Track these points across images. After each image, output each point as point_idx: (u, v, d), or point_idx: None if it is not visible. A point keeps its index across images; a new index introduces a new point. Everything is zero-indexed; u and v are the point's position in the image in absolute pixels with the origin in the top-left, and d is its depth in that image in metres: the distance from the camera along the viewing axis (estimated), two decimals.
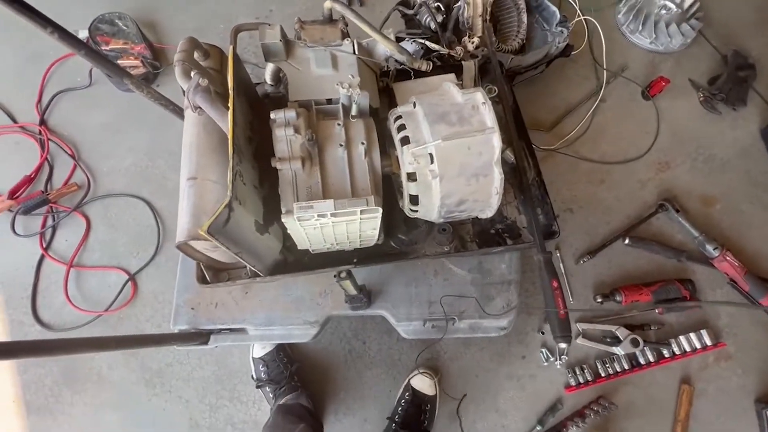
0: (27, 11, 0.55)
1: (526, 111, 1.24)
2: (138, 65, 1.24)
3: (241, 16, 1.36)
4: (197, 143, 0.65)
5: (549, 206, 0.82)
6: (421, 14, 1.08)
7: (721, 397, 1.00)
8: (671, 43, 1.28)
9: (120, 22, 1.26)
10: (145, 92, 0.77)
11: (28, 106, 1.23)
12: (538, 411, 1.00)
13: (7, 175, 1.16)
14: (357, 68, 0.68)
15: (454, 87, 0.67)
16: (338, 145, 0.62)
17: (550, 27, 1.18)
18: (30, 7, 0.56)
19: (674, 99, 1.26)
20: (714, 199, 1.16)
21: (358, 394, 1.02)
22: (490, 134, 0.63)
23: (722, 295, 1.07)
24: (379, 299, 0.86)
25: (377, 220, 0.64)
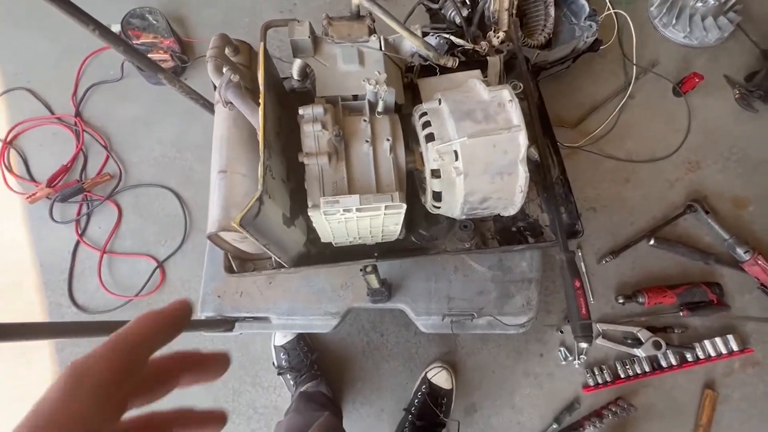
0: (73, 10, 0.58)
1: (551, 107, 1.22)
2: (167, 59, 1.28)
3: (265, 10, 1.38)
4: (228, 137, 0.67)
5: (573, 205, 0.81)
6: (446, 8, 1.07)
7: (746, 404, 0.98)
8: (707, 37, 1.23)
9: (150, 17, 1.29)
10: (177, 86, 0.79)
11: (64, 98, 1.29)
12: (554, 409, 1.00)
13: (45, 164, 1.22)
14: (383, 64, 0.69)
15: (480, 84, 0.67)
16: (364, 141, 0.63)
17: (578, 21, 1.15)
18: (75, 6, 0.58)
19: (707, 96, 1.21)
20: (746, 201, 1.12)
21: (375, 385, 1.04)
22: (516, 132, 0.62)
23: (751, 299, 1.04)
24: (399, 293, 0.88)
25: (401, 215, 0.64)
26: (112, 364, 0.17)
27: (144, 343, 0.19)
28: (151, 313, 0.20)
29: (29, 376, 1.11)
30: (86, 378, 0.16)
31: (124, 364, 0.18)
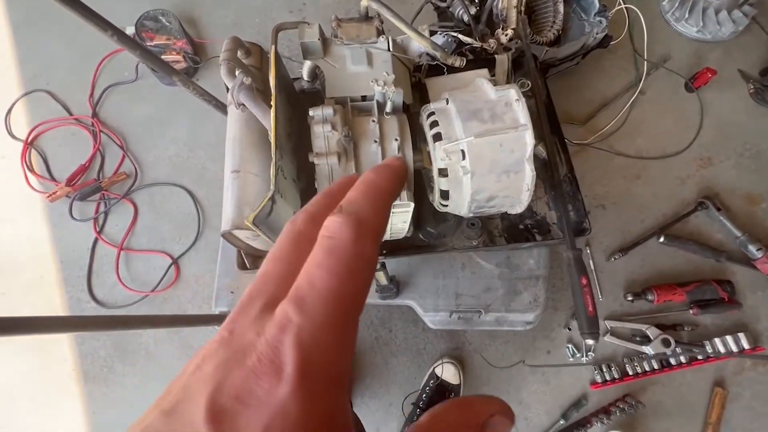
0: (91, 16, 0.60)
1: (560, 104, 1.22)
2: (180, 60, 1.30)
3: (276, 10, 1.40)
4: (240, 138, 0.69)
5: (581, 203, 0.81)
6: (454, 6, 1.07)
7: (757, 402, 0.97)
8: (720, 31, 1.21)
9: (163, 19, 1.32)
10: (191, 88, 0.82)
11: (81, 100, 1.32)
12: (562, 405, 1.01)
13: (65, 164, 1.26)
14: (391, 65, 0.70)
15: (487, 83, 0.68)
16: (373, 141, 0.64)
17: (587, 17, 1.14)
18: (94, 12, 0.61)
19: (721, 91, 1.19)
20: (760, 198, 1.11)
21: (383, 379, 1.06)
22: (522, 131, 0.63)
23: (764, 297, 1.03)
24: (407, 290, 0.89)
25: (409, 213, 0.66)
26: (383, 216, 0.16)
27: (395, 198, 0.17)
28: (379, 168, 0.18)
29: (51, 368, 1.16)
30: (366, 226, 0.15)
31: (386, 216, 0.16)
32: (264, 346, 0.13)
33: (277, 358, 0.12)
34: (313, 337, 0.13)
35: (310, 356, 0.12)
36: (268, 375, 0.12)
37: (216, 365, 0.13)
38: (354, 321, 0.14)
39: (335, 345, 0.13)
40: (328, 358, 0.13)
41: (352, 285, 0.14)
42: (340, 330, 0.13)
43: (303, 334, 0.13)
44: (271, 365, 0.12)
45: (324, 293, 0.13)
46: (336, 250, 0.14)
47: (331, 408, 0.13)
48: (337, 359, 0.13)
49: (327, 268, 0.14)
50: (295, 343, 0.12)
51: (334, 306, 0.13)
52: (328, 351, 0.13)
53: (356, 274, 0.14)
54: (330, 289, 0.13)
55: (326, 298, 0.13)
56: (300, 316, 0.13)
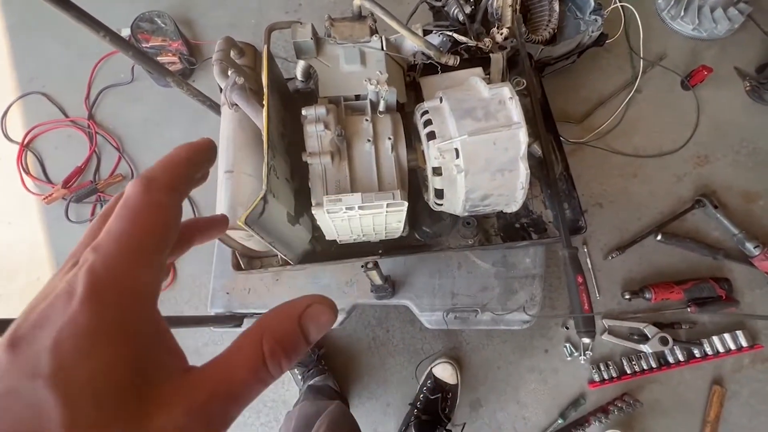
0: (84, 17, 0.60)
1: (556, 103, 1.23)
2: (175, 61, 1.30)
3: (271, 11, 1.40)
4: (234, 138, 0.69)
5: (576, 201, 0.81)
6: (449, 6, 1.07)
7: (756, 400, 0.97)
8: (716, 29, 1.21)
9: (159, 20, 1.32)
10: (185, 89, 0.81)
11: (77, 102, 1.32)
12: (560, 404, 1.01)
13: (61, 166, 1.26)
14: (385, 64, 0.70)
15: (480, 82, 0.67)
16: (366, 140, 0.64)
17: (583, 15, 1.14)
18: (86, 13, 0.61)
19: (717, 89, 1.19)
20: (757, 195, 1.11)
21: (381, 379, 1.05)
22: (516, 129, 0.63)
23: (761, 295, 1.03)
24: (403, 289, 0.89)
25: (403, 213, 0.66)
26: (174, 175, 0.19)
27: (191, 164, 0.20)
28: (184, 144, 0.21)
29: None
30: (154, 183, 0.18)
31: (184, 181, 0.19)
32: (63, 283, 0.15)
33: (71, 287, 0.14)
34: (104, 265, 0.15)
35: (98, 278, 0.14)
36: (62, 300, 0.14)
37: (26, 311, 0.15)
38: (151, 251, 0.16)
39: (128, 268, 0.15)
40: (119, 277, 0.15)
41: (142, 224, 0.16)
42: (134, 257, 0.15)
43: (95, 265, 0.14)
44: (65, 294, 0.14)
45: (115, 234, 0.16)
46: (126, 201, 0.17)
47: (124, 316, 0.14)
48: (131, 278, 0.15)
49: (118, 216, 0.16)
50: (87, 271, 0.14)
51: (126, 240, 0.15)
52: (121, 272, 0.15)
53: (146, 216, 0.16)
54: (120, 230, 0.16)
55: (117, 236, 0.15)
56: (94, 254, 0.15)
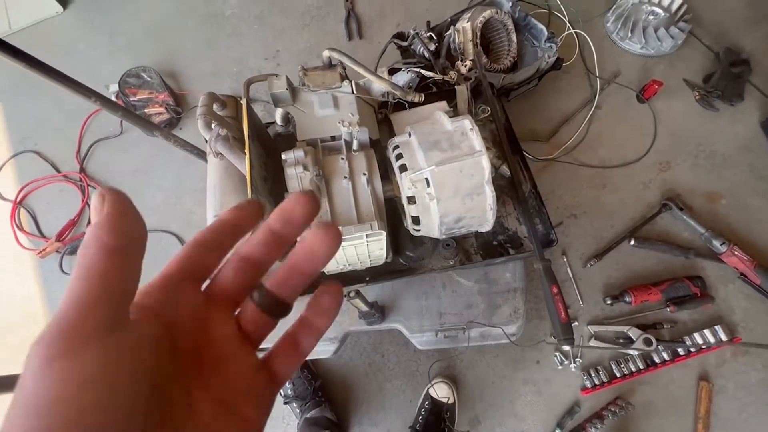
0: (76, 87, 0.66)
1: (524, 123, 1.31)
2: (162, 112, 1.37)
3: (251, 58, 1.48)
4: (220, 184, 0.74)
5: (546, 216, 0.87)
6: (415, 44, 1.16)
7: (742, 393, 1.00)
8: (662, 46, 1.32)
9: (145, 75, 1.40)
10: (172, 141, 0.87)
11: (69, 157, 1.37)
12: (556, 414, 1.02)
13: (54, 220, 1.29)
14: (356, 106, 0.76)
15: (444, 116, 0.74)
16: (343, 177, 0.70)
17: (539, 43, 1.24)
18: (79, 83, 0.67)
19: (670, 100, 1.29)
20: (719, 195, 1.18)
21: (380, 405, 1.07)
22: (479, 157, 0.69)
23: (734, 289, 1.08)
24: (393, 313, 0.92)
25: (382, 241, 0.70)
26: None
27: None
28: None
29: None
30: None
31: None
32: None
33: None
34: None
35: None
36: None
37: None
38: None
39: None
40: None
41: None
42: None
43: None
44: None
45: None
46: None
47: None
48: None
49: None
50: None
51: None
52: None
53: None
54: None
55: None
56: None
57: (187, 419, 0.17)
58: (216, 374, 0.19)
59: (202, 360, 0.19)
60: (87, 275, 0.15)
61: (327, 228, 0.20)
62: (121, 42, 1.53)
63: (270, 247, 0.21)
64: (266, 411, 0.20)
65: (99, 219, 0.16)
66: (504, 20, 1.20)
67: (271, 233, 0.21)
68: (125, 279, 0.16)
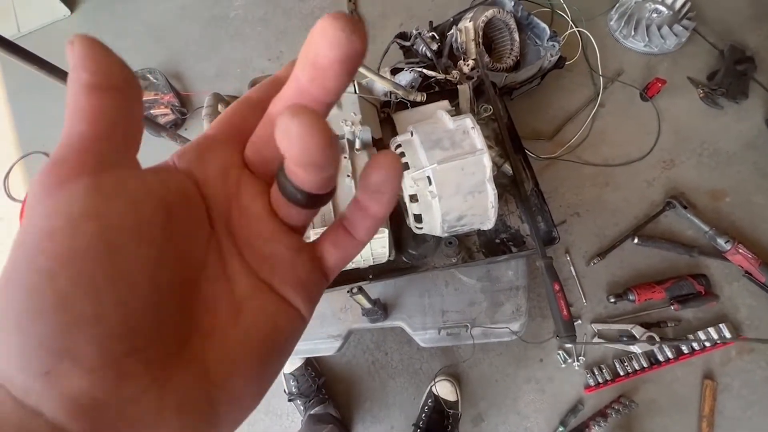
0: None
1: (527, 122, 1.31)
2: (168, 113, 1.39)
3: (254, 59, 1.50)
4: None
5: (548, 214, 0.87)
6: (417, 44, 1.16)
7: (747, 391, 1.00)
8: (665, 44, 1.32)
9: (151, 76, 1.41)
10: (179, 141, 0.88)
11: None
12: (559, 412, 1.03)
13: None
14: (359, 106, 0.77)
15: (445, 115, 0.75)
16: (346, 175, 0.71)
17: (541, 42, 1.24)
18: None
19: (673, 98, 1.28)
20: (723, 193, 1.17)
21: (383, 402, 1.07)
22: (480, 155, 0.69)
23: (739, 287, 1.07)
24: (396, 311, 0.93)
25: (385, 239, 0.71)
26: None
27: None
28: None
29: None
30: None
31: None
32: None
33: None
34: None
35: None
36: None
37: None
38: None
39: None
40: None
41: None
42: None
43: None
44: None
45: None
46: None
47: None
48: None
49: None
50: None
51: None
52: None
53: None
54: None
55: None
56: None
57: (221, 286, 0.16)
58: (252, 249, 0.17)
59: (237, 231, 0.17)
60: (74, 115, 0.14)
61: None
62: (127, 44, 1.55)
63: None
64: (312, 297, 0.18)
65: (73, 62, 0.14)
66: (506, 19, 1.20)
67: (299, 91, 0.16)
68: (118, 117, 0.14)
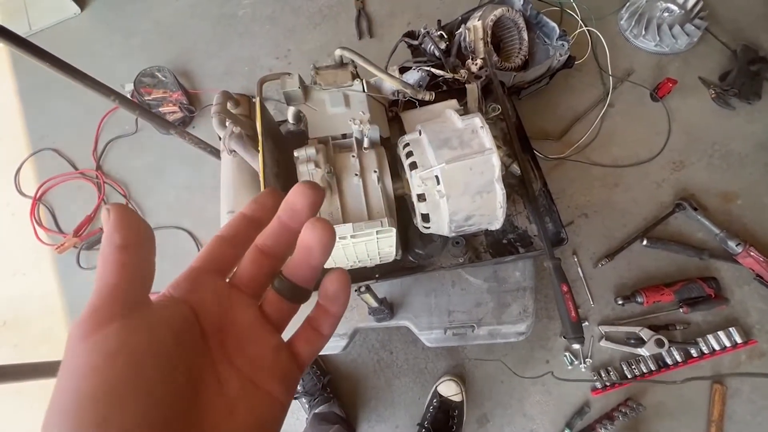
0: (97, 85, 0.68)
1: (535, 122, 1.30)
2: (176, 110, 1.39)
3: (262, 57, 1.50)
4: (233, 181, 0.75)
5: (556, 214, 0.86)
6: (426, 43, 1.16)
7: (757, 396, 0.98)
8: (677, 44, 1.30)
9: (159, 74, 1.42)
10: (187, 139, 0.89)
11: (86, 154, 1.41)
12: (565, 414, 1.02)
13: (72, 216, 1.33)
14: (367, 104, 0.77)
15: (454, 114, 0.74)
16: (354, 174, 0.70)
17: (551, 41, 1.23)
18: (98, 81, 0.68)
19: (685, 98, 1.27)
20: (734, 195, 1.16)
21: (388, 402, 1.07)
22: (489, 155, 0.69)
23: (750, 291, 1.06)
24: (402, 310, 0.93)
25: (392, 238, 0.71)
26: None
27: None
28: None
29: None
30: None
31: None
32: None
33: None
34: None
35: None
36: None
37: None
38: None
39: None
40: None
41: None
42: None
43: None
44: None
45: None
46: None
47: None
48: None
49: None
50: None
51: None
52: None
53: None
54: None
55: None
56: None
57: (218, 389, 0.19)
58: (240, 353, 0.21)
59: (228, 340, 0.21)
60: (105, 269, 0.18)
61: (314, 223, 0.21)
62: (136, 42, 1.56)
63: (282, 238, 0.23)
64: (290, 387, 0.22)
65: (108, 227, 0.19)
66: (515, 18, 1.19)
67: (281, 224, 0.22)
68: (139, 268, 0.19)
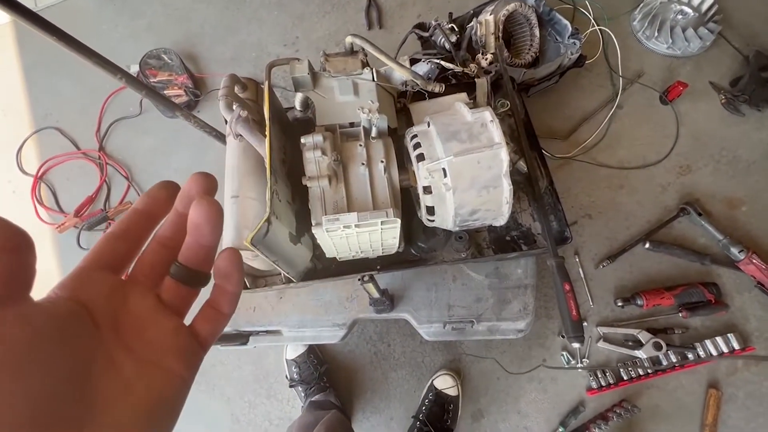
0: (102, 62, 0.67)
1: (543, 120, 1.29)
2: (181, 94, 1.38)
3: (270, 44, 1.48)
4: (238, 166, 0.75)
5: (561, 213, 0.86)
6: (436, 36, 1.15)
7: (752, 402, 0.99)
8: (689, 47, 1.29)
9: (165, 56, 1.41)
10: (193, 122, 0.88)
11: (89, 135, 1.40)
12: (560, 413, 1.02)
13: (73, 196, 1.32)
14: (376, 94, 0.76)
15: (464, 107, 0.73)
16: (360, 163, 0.70)
17: (562, 39, 1.21)
18: (105, 59, 0.68)
19: (694, 102, 1.26)
20: (739, 202, 1.15)
21: (384, 393, 1.08)
22: (497, 149, 0.68)
23: (750, 298, 1.05)
24: (402, 303, 0.93)
25: (396, 229, 0.70)
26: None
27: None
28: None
29: None
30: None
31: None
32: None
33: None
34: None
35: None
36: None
37: None
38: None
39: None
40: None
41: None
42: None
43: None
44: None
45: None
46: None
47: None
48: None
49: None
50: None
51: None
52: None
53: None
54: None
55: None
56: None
57: (109, 374, 0.19)
58: (137, 339, 0.21)
59: (123, 329, 0.21)
60: None
61: (200, 201, 0.22)
62: (142, 24, 1.55)
63: (178, 227, 0.23)
64: (191, 363, 0.22)
65: None
66: (528, 14, 1.18)
67: (177, 215, 0.24)
68: (11, 267, 0.19)
